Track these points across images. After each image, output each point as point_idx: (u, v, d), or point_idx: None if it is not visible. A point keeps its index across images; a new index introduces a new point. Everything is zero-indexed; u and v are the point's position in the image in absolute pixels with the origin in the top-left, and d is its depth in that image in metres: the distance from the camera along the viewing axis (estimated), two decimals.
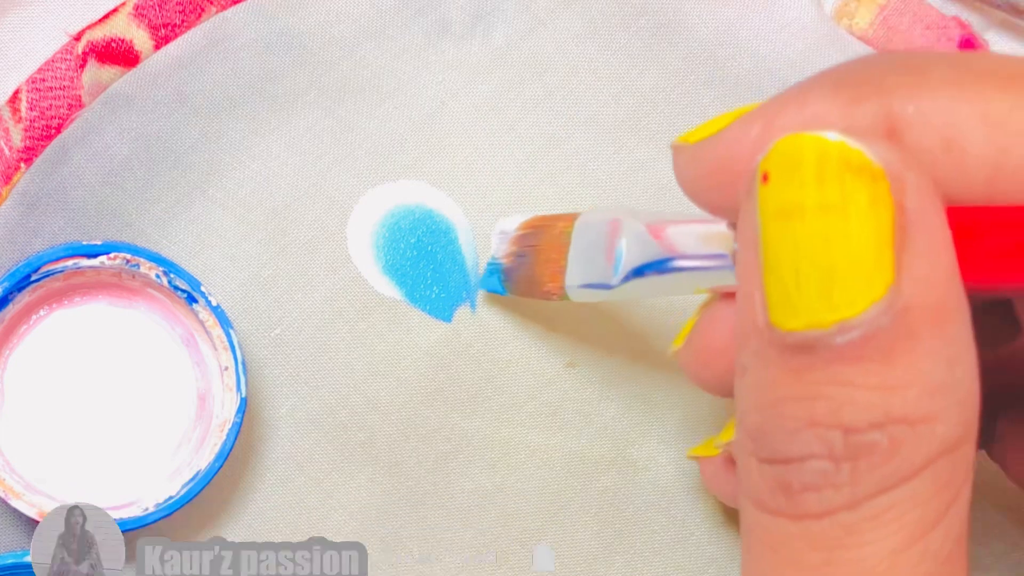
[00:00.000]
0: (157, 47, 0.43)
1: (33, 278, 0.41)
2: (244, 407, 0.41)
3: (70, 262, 0.41)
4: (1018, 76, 0.27)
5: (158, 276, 0.41)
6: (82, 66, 0.43)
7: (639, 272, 0.36)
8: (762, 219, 0.27)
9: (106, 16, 0.43)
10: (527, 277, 0.41)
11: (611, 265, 0.37)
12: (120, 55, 0.43)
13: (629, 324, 0.44)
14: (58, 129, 0.43)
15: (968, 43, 0.44)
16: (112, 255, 0.41)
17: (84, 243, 0.41)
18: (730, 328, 0.34)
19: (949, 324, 0.26)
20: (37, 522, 0.41)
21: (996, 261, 0.27)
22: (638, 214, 0.37)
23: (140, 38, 0.43)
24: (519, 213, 0.43)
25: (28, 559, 0.40)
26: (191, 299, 0.42)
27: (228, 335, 0.41)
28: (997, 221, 0.27)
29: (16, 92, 0.43)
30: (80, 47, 0.43)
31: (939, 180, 0.27)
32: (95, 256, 0.41)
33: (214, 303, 0.41)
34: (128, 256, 0.41)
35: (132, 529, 0.41)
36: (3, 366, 0.42)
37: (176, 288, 0.42)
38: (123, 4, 0.43)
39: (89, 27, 0.43)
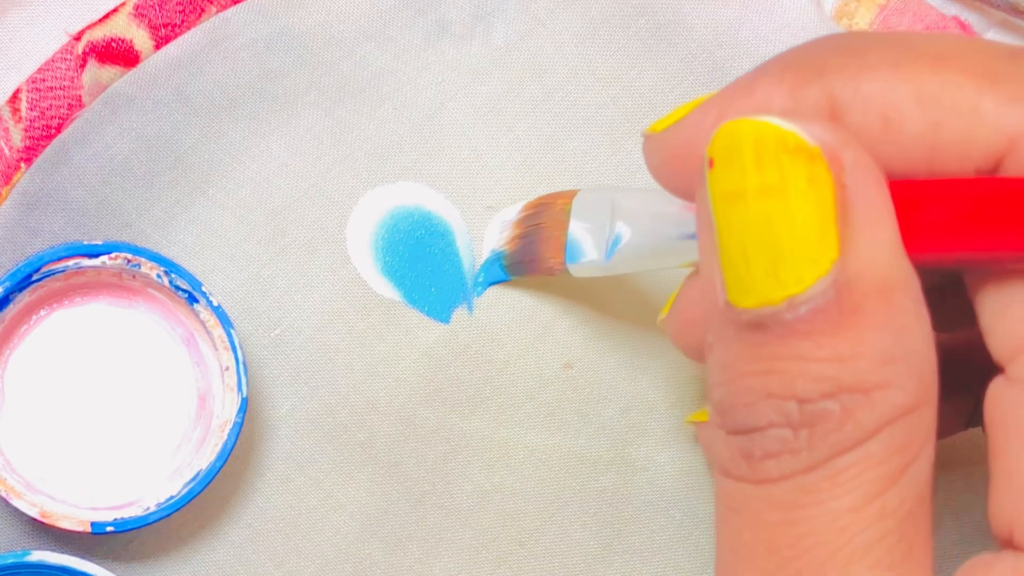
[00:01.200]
0: (157, 47, 0.43)
1: (34, 278, 0.41)
2: (245, 407, 0.41)
3: (71, 262, 0.41)
4: (948, 55, 0.28)
5: (159, 276, 0.42)
6: (82, 66, 0.43)
7: (631, 247, 0.37)
8: (712, 203, 0.28)
9: (106, 16, 0.43)
10: (531, 255, 0.42)
11: (606, 240, 0.38)
12: (120, 55, 0.43)
13: (627, 324, 0.44)
14: (58, 129, 0.43)
15: None
16: (113, 255, 0.41)
17: (85, 243, 0.41)
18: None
19: (895, 295, 0.27)
20: (38, 522, 0.41)
21: (939, 232, 0.28)
22: (630, 192, 0.38)
23: (140, 38, 0.43)
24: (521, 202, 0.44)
25: (28, 559, 0.40)
26: (192, 299, 0.42)
27: (229, 335, 0.41)
28: (937, 193, 0.28)
29: (16, 92, 0.43)
30: (80, 47, 0.43)
31: (880, 157, 0.28)
32: (96, 256, 0.41)
33: (215, 303, 0.41)
34: (129, 256, 0.41)
35: (133, 529, 0.41)
36: (4, 366, 0.42)
37: (177, 288, 0.42)
38: (123, 4, 0.43)
39: (89, 27, 0.43)
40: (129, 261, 0.41)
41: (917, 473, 0.28)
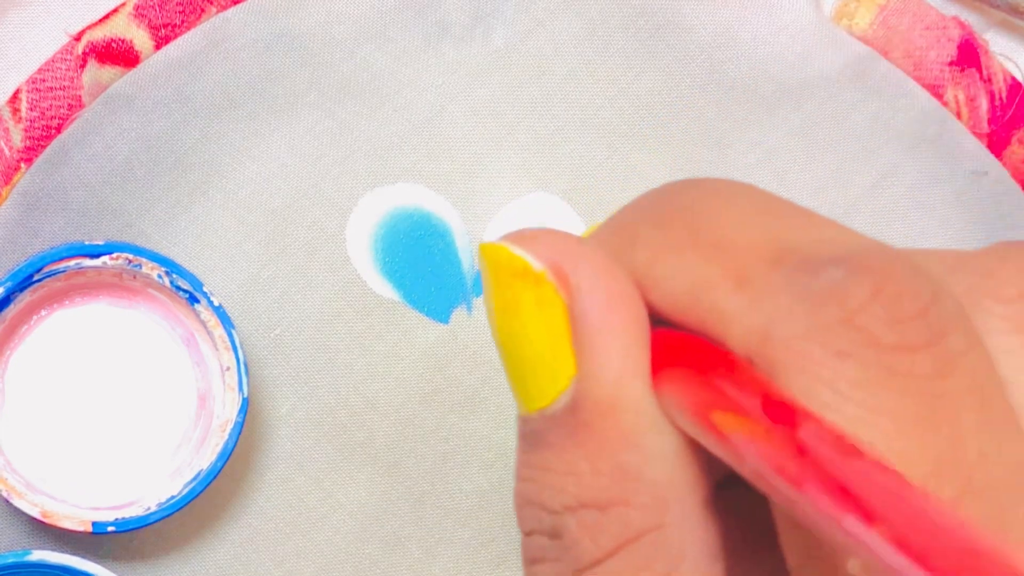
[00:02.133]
0: (157, 47, 0.43)
1: (35, 278, 0.41)
2: (246, 407, 0.41)
3: (72, 262, 0.41)
4: (724, 245, 0.28)
5: (160, 276, 0.42)
6: (82, 66, 0.43)
7: None
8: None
9: (106, 16, 0.43)
10: None
11: None
12: (120, 55, 0.43)
13: None
14: (58, 129, 0.43)
15: (968, 43, 0.44)
16: (114, 255, 0.41)
17: (86, 243, 0.41)
18: None
19: (625, 415, 0.27)
20: (39, 521, 0.41)
21: (676, 386, 0.28)
22: None
23: (140, 38, 0.43)
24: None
25: (29, 559, 0.40)
26: (193, 299, 0.42)
27: (230, 335, 0.42)
28: (689, 351, 0.28)
29: (16, 92, 0.43)
30: (80, 47, 0.43)
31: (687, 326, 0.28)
32: (97, 256, 0.41)
33: (216, 303, 0.41)
34: (130, 256, 0.41)
35: (134, 528, 0.41)
36: (4, 366, 0.42)
37: (178, 288, 0.42)
38: (123, 4, 0.43)
39: (89, 27, 0.43)
40: (130, 261, 0.41)
41: None
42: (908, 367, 0.25)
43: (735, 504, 0.28)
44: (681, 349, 0.28)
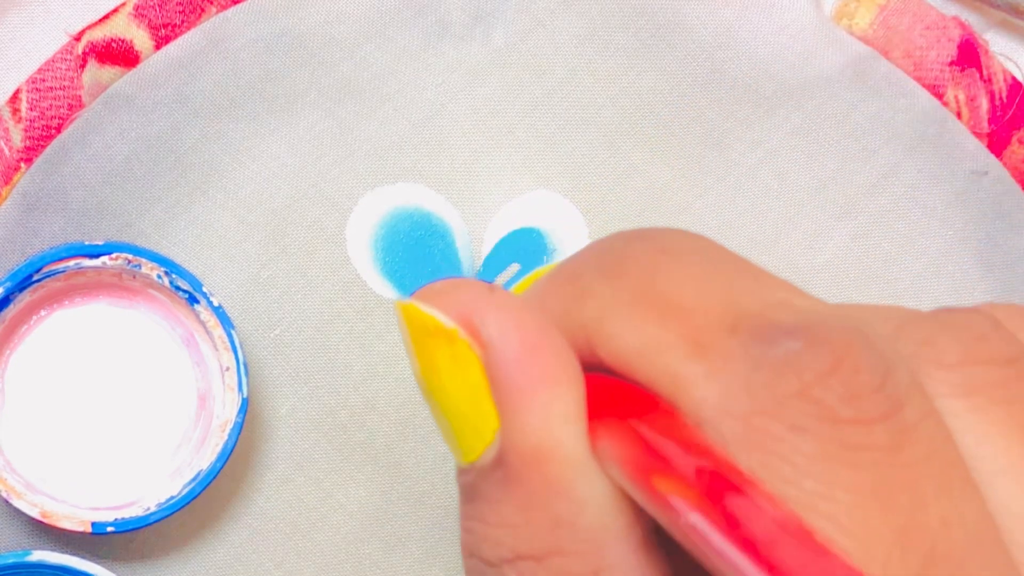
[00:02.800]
0: (157, 47, 0.43)
1: (35, 278, 0.41)
2: (245, 407, 0.41)
3: (72, 262, 0.41)
4: (679, 306, 0.27)
5: (159, 276, 0.42)
6: (82, 66, 0.43)
7: None
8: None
9: (106, 16, 0.43)
10: None
11: None
12: (120, 55, 0.43)
13: None
14: (58, 129, 0.43)
15: (968, 43, 0.44)
16: (114, 255, 0.41)
17: (86, 243, 0.41)
18: None
19: (552, 465, 0.27)
20: (39, 522, 0.41)
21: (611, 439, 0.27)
22: None
23: (140, 38, 0.43)
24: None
25: (29, 559, 0.40)
26: (192, 299, 0.42)
27: (230, 335, 0.42)
28: (626, 400, 0.27)
29: (16, 92, 0.43)
30: (80, 47, 0.43)
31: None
32: (97, 256, 0.41)
33: (215, 303, 0.41)
34: (130, 256, 0.41)
35: (133, 529, 0.41)
36: (4, 366, 0.42)
37: (177, 288, 0.42)
38: (123, 4, 0.43)
39: (89, 27, 0.43)
40: (129, 261, 0.41)
41: None
42: (864, 440, 0.25)
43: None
44: (624, 398, 0.27)
